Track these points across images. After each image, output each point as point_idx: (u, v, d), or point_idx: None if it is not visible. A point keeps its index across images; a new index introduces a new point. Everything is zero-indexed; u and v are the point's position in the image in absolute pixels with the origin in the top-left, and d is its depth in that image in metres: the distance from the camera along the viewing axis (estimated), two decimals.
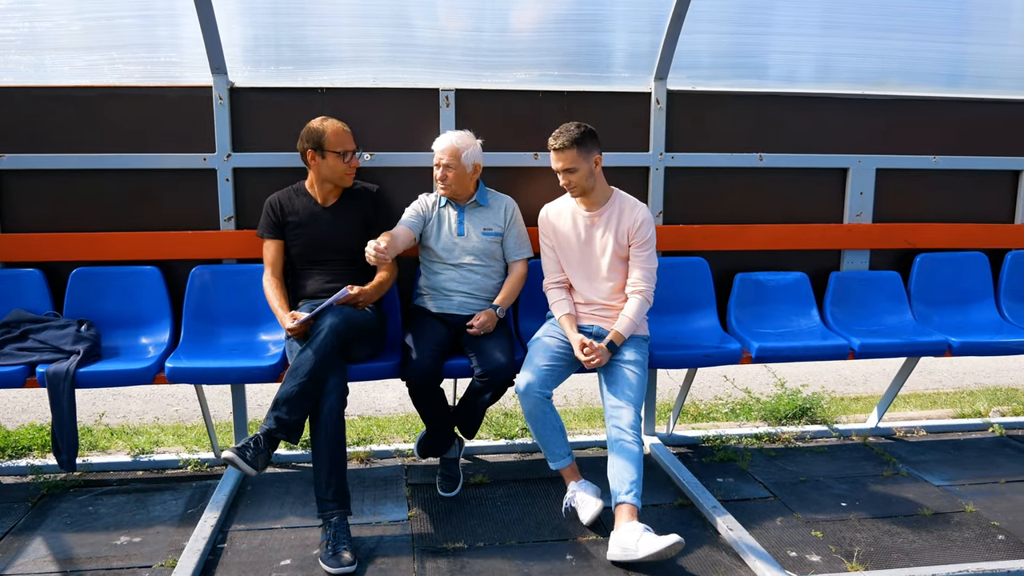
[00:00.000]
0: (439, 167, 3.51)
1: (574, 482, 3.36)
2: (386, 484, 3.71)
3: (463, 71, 3.83)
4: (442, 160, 3.49)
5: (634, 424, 3.20)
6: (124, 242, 3.68)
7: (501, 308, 3.55)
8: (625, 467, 3.12)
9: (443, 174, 3.50)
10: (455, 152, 3.48)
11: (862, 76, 4.12)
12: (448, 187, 3.52)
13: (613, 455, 3.17)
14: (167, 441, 4.30)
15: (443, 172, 3.50)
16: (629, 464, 3.12)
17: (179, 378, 3.30)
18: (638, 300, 3.41)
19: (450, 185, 3.52)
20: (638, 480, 3.10)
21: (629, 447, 3.15)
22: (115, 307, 3.66)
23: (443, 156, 3.49)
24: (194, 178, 3.70)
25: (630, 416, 3.21)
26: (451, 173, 3.49)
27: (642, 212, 3.45)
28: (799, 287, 4.11)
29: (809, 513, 3.44)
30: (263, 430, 3.00)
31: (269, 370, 3.33)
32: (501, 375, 3.30)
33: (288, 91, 3.73)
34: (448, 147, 3.48)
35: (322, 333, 3.07)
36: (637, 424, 3.21)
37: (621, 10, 3.85)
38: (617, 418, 3.22)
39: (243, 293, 3.73)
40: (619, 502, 3.08)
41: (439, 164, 3.50)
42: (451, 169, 3.49)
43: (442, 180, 3.51)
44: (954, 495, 3.62)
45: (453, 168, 3.49)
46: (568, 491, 3.35)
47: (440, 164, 3.50)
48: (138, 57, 3.62)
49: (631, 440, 3.16)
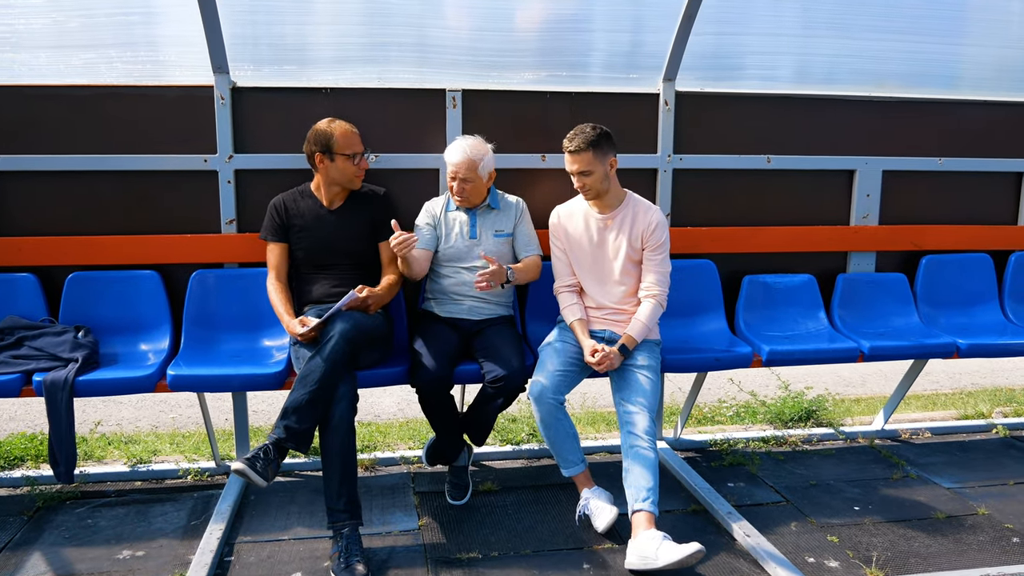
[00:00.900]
0: (455, 180, 3.40)
1: (587, 489, 3.31)
2: (393, 492, 3.64)
3: (470, 71, 3.76)
4: (458, 174, 3.38)
5: (649, 430, 3.16)
6: (122, 246, 3.57)
7: (513, 272, 3.37)
8: (641, 474, 3.07)
9: (460, 188, 3.40)
10: (472, 165, 3.38)
11: (865, 78, 4.11)
12: (465, 200, 3.44)
13: (628, 462, 3.12)
14: (165, 450, 4.20)
15: (460, 186, 3.39)
16: (645, 471, 3.07)
17: (182, 386, 3.21)
18: (651, 304, 3.37)
19: (467, 198, 3.43)
20: (655, 487, 3.05)
21: (645, 453, 3.10)
22: (113, 313, 3.55)
23: (459, 170, 3.37)
24: (195, 180, 3.61)
25: (645, 422, 3.17)
26: (468, 187, 3.40)
27: (656, 215, 3.41)
28: (807, 290, 4.08)
29: (823, 517, 3.41)
30: (272, 439, 2.92)
31: (274, 377, 3.25)
32: (513, 381, 3.24)
33: (291, 91, 3.64)
34: (464, 160, 3.37)
35: (333, 339, 2.99)
36: (652, 430, 3.17)
37: (629, 11, 3.81)
38: (632, 424, 3.18)
39: (245, 298, 3.64)
40: (636, 509, 3.02)
41: (455, 177, 3.39)
42: (468, 183, 3.40)
43: (458, 194, 3.41)
44: (965, 497, 3.61)
45: (471, 182, 3.40)
46: (582, 498, 3.30)
47: (456, 177, 3.39)
48: (137, 56, 3.52)
49: (647, 446, 3.12)
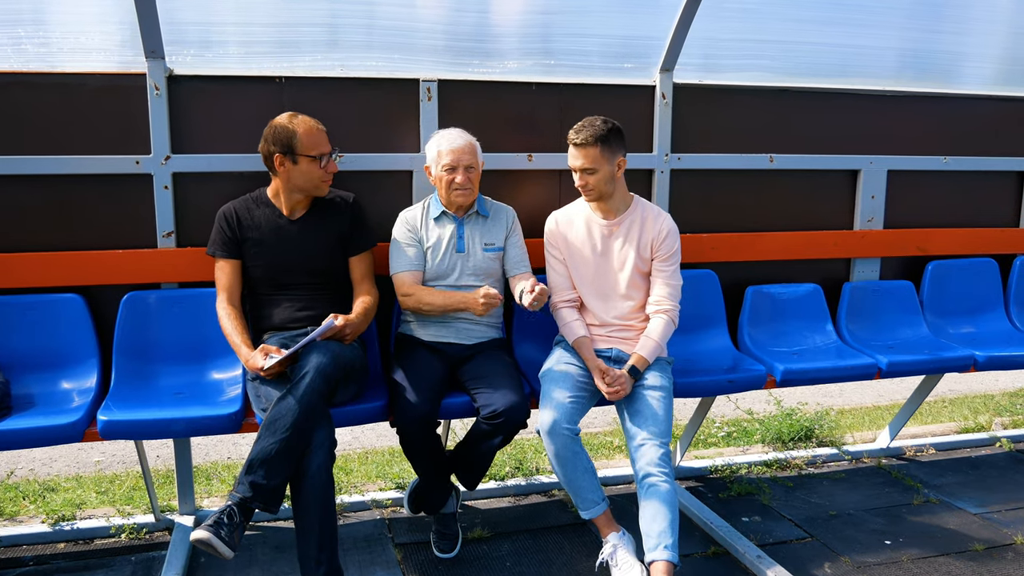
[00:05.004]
0: (456, 170, 2.93)
1: (614, 534, 2.86)
2: (369, 545, 3.14)
3: (446, 58, 3.30)
4: (462, 161, 2.92)
5: (664, 460, 2.77)
6: (37, 265, 2.96)
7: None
8: (657, 514, 2.69)
9: (465, 178, 2.93)
10: (473, 149, 2.97)
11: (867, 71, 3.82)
12: (470, 192, 2.98)
13: (643, 499, 2.74)
14: (91, 501, 3.57)
15: (465, 176, 2.93)
16: (661, 509, 2.69)
17: (115, 434, 2.67)
18: (664, 321, 2.99)
19: (472, 190, 2.98)
20: (672, 527, 2.68)
21: (660, 487, 2.72)
22: (28, 345, 2.95)
23: (463, 156, 2.93)
24: (124, 185, 3.03)
25: (660, 451, 2.78)
26: (474, 175, 2.97)
27: (667, 222, 3.03)
28: (813, 300, 3.76)
29: (856, 555, 3.08)
30: (236, 500, 2.42)
31: (227, 420, 2.73)
32: (514, 416, 2.78)
33: (240, 80, 3.11)
34: (466, 144, 2.95)
35: (308, 376, 2.50)
36: (667, 459, 2.79)
37: None
38: (644, 455, 2.79)
39: (187, 324, 3.10)
40: (652, 560, 2.64)
41: (457, 166, 2.92)
42: (473, 170, 2.97)
43: (463, 186, 2.94)
44: (996, 524, 3.34)
45: (475, 169, 2.97)
46: (606, 545, 2.85)
47: (460, 166, 2.92)
48: (51, 36, 2.93)
49: (663, 479, 2.74)
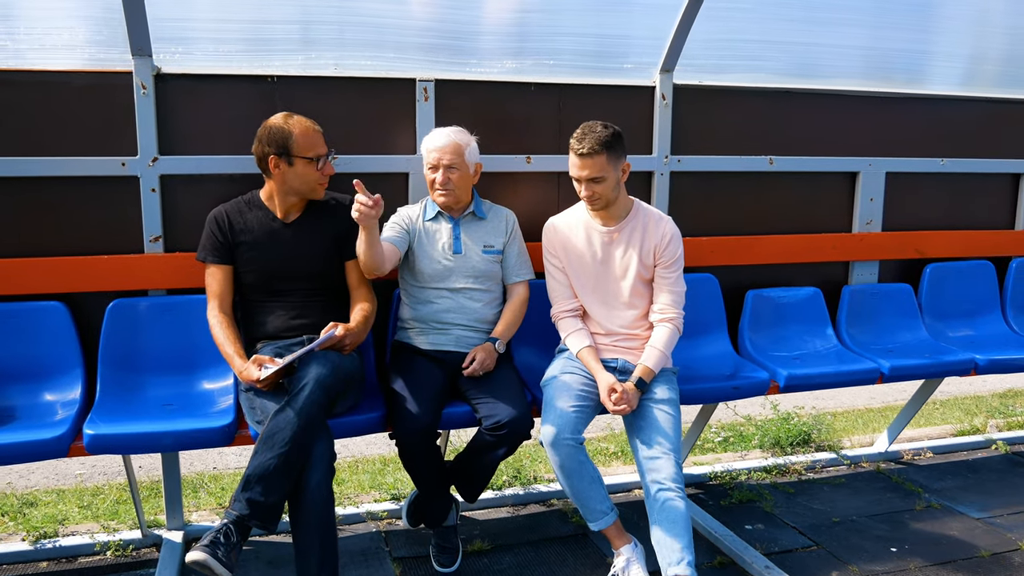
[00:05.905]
0: (438, 169, 2.87)
1: (626, 546, 2.78)
2: (366, 560, 3.05)
3: (443, 58, 3.21)
4: (442, 160, 2.86)
5: (676, 475, 2.70)
6: (19, 271, 2.83)
7: (501, 341, 2.94)
8: (673, 530, 2.62)
9: (445, 177, 2.87)
10: (457, 148, 2.87)
11: (868, 72, 3.78)
12: (451, 193, 2.90)
13: (658, 514, 2.66)
14: (73, 516, 3.43)
15: (445, 175, 2.87)
16: (676, 524, 2.62)
17: (103, 448, 2.55)
18: (668, 329, 2.92)
19: (453, 190, 2.89)
20: (689, 544, 2.61)
21: (673, 504, 2.65)
22: (8, 355, 2.82)
23: (443, 155, 2.86)
24: (110, 188, 2.91)
25: (670, 467, 2.71)
26: (455, 175, 2.88)
27: (669, 227, 2.96)
28: (813, 304, 3.71)
29: (863, 563, 3.03)
30: (232, 518, 2.32)
31: (219, 432, 2.62)
32: (518, 427, 2.70)
33: (230, 79, 2.99)
34: (448, 143, 2.87)
35: (307, 387, 2.40)
36: (679, 475, 2.72)
37: None
38: (655, 471, 2.71)
39: (176, 333, 2.98)
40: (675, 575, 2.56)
41: (438, 165, 2.87)
42: (455, 170, 2.87)
43: (443, 185, 2.87)
44: (999, 529, 3.31)
45: (457, 169, 2.88)
46: (618, 558, 2.77)
47: (440, 165, 2.87)
48: (32, 31, 2.80)
49: (675, 495, 2.66)
